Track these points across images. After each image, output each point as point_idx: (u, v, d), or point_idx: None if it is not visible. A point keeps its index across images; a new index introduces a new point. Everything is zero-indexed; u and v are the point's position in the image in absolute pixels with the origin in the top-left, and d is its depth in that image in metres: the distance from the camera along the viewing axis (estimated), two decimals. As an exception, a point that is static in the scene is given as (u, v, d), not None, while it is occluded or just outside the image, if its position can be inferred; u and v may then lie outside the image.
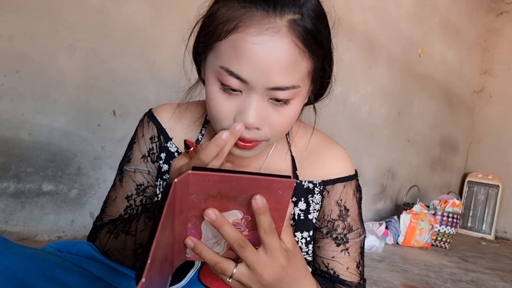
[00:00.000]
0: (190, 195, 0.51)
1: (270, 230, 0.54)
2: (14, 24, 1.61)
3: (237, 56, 0.60)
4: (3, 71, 1.61)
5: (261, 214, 0.52)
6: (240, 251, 0.55)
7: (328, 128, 2.92)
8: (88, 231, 0.87)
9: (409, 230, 3.22)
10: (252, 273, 0.56)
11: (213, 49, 0.64)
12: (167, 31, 2.06)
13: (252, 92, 0.63)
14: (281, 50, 0.60)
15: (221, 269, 0.57)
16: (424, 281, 2.23)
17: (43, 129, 1.72)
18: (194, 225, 0.56)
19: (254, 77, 0.61)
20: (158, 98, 2.04)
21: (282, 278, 0.58)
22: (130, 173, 0.84)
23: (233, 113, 0.64)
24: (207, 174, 0.49)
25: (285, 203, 0.53)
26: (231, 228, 0.54)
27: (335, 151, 0.84)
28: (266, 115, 0.64)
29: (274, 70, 0.61)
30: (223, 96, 0.64)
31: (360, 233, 0.82)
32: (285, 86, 0.62)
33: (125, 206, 0.83)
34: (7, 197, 1.65)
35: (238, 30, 0.60)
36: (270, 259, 0.56)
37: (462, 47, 4.74)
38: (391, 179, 3.92)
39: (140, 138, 0.85)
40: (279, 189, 0.51)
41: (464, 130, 5.09)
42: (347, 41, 3.12)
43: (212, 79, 0.65)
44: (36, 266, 0.62)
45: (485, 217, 4.71)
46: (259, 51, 0.60)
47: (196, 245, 0.56)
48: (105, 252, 0.79)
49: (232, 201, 0.52)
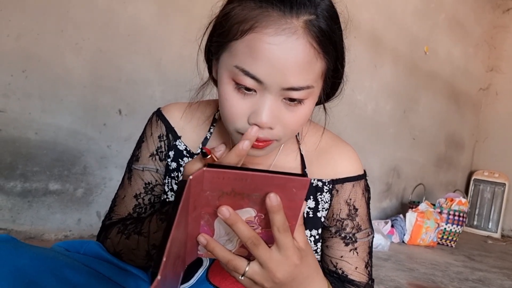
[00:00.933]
0: (204, 192, 0.51)
1: (284, 228, 0.54)
2: (21, 23, 1.62)
3: (253, 56, 0.60)
4: (10, 70, 1.61)
5: (275, 212, 0.52)
6: (253, 249, 0.55)
7: (333, 126, 2.89)
8: (95, 230, 0.88)
9: (415, 229, 3.21)
10: (265, 271, 0.56)
11: (228, 48, 0.64)
12: (173, 29, 2.06)
13: (267, 92, 0.63)
14: (297, 50, 0.60)
15: (234, 267, 0.57)
16: (431, 280, 2.22)
17: (49, 128, 1.73)
18: (207, 222, 0.56)
19: (270, 77, 0.61)
20: (164, 96, 2.04)
21: (295, 276, 0.58)
22: (138, 171, 0.85)
23: (246, 113, 0.65)
24: (222, 172, 0.49)
25: (299, 201, 0.53)
26: (244, 226, 0.54)
27: (344, 150, 0.84)
28: (279, 115, 0.65)
29: (290, 70, 0.61)
30: (237, 95, 0.64)
31: (369, 233, 0.82)
32: (300, 87, 0.63)
33: (134, 205, 0.84)
34: (14, 196, 1.66)
35: (255, 30, 0.60)
36: (283, 258, 0.56)
37: (468, 44, 4.71)
38: (396, 177, 3.91)
39: (148, 137, 0.86)
40: (294, 187, 0.51)
41: (470, 128, 5.06)
42: (352, 38, 3.11)
43: (226, 78, 0.65)
44: (46, 266, 0.63)
45: (491, 215, 4.68)
46: (276, 52, 0.60)
47: (208, 242, 0.56)
48: (117, 252, 0.79)
49: (246, 198, 0.52)
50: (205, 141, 0.83)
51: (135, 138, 0.90)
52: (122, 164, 1.93)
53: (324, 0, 0.64)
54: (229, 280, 0.69)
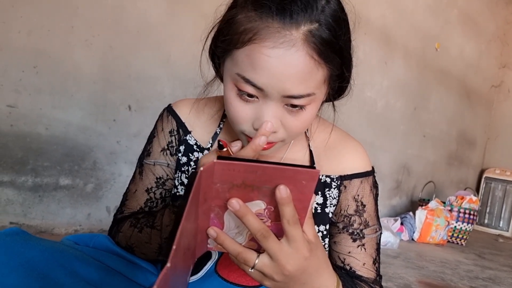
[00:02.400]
0: (215, 184, 0.51)
1: (294, 221, 0.54)
2: (32, 20, 1.63)
3: (253, 66, 0.61)
4: (21, 66, 1.63)
5: (285, 204, 0.52)
6: (263, 241, 0.55)
7: (343, 123, 2.88)
8: (104, 225, 0.88)
9: (425, 227, 3.19)
10: (275, 263, 0.56)
11: (231, 55, 0.65)
12: (182, 26, 2.06)
13: (268, 99, 0.64)
14: (296, 62, 0.60)
15: (244, 259, 0.57)
16: (440, 278, 2.21)
17: (60, 123, 1.74)
18: (217, 215, 0.56)
19: (269, 86, 0.62)
20: (173, 92, 2.05)
21: (305, 269, 0.58)
22: (150, 166, 0.86)
23: (250, 118, 0.66)
24: (232, 164, 0.49)
25: (309, 194, 0.53)
26: (254, 218, 0.54)
27: (353, 147, 0.85)
28: (282, 119, 0.66)
29: (289, 80, 0.61)
30: (240, 102, 0.66)
31: (376, 229, 0.82)
32: (300, 95, 0.63)
33: (145, 199, 0.84)
34: (25, 191, 1.68)
35: (254, 41, 0.61)
36: (293, 250, 0.56)
37: (480, 41, 4.66)
38: (406, 174, 3.89)
39: (159, 132, 0.87)
40: (303, 179, 0.51)
41: (481, 125, 5.01)
42: (362, 35, 3.08)
43: (229, 83, 0.66)
44: (55, 259, 0.63)
45: (502, 213, 4.64)
46: (274, 63, 0.60)
47: (218, 235, 0.57)
48: (130, 245, 0.80)
49: (255, 191, 0.53)
50: (215, 136, 0.84)
51: (144, 133, 0.91)
52: (131, 159, 1.94)
53: (331, 3, 0.63)
54: (237, 273, 0.69)
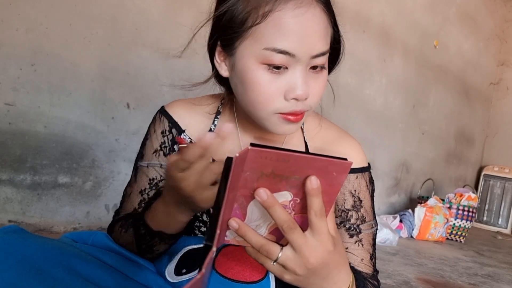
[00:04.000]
0: (244, 173, 0.50)
1: (321, 213, 0.53)
2: (30, 17, 1.63)
3: (282, 33, 0.64)
4: (19, 64, 1.62)
5: (314, 195, 0.52)
6: (289, 233, 0.54)
7: (342, 120, 2.90)
8: (103, 223, 0.89)
9: (424, 224, 3.19)
10: (298, 256, 0.55)
11: (250, 35, 0.67)
12: (181, 23, 2.05)
13: (298, 65, 0.67)
14: (317, 18, 0.66)
15: (267, 252, 0.56)
16: (439, 275, 2.21)
17: (58, 121, 1.74)
18: (240, 205, 0.55)
19: (300, 48, 0.65)
20: (172, 90, 2.04)
21: (327, 263, 0.57)
22: (143, 168, 0.86)
23: (282, 92, 0.68)
24: (265, 151, 0.48)
25: (338, 186, 0.52)
26: (281, 209, 0.53)
27: (349, 143, 0.86)
28: (310, 85, 0.69)
29: (315, 37, 0.66)
30: (270, 77, 0.67)
31: (373, 225, 0.83)
32: (323, 52, 0.68)
33: (139, 200, 0.85)
34: (23, 189, 1.68)
35: (276, 9, 0.64)
36: (318, 243, 0.55)
37: (479, 38, 4.66)
38: (405, 172, 3.89)
39: (152, 134, 0.87)
40: (334, 171, 0.50)
41: (480, 123, 5.01)
42: (361, 33, 3.08)
43: (253, 65, 0.67)
44: (53, 256, 0.63)
45: (501, 211, 4.64)
46: (301, 23, 0.65)
47: (240, 226, 0.55)
48: (121, 246, 0.80)
49: (284, 181, 0.52)
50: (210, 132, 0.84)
51: (143, 131, 0.91)
52: (130, 157, 1.94)
53: None
54: (235, 269, 0.69)
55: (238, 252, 0.71)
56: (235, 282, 0.68)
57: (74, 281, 0.62)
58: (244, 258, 0.70)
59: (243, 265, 0.69)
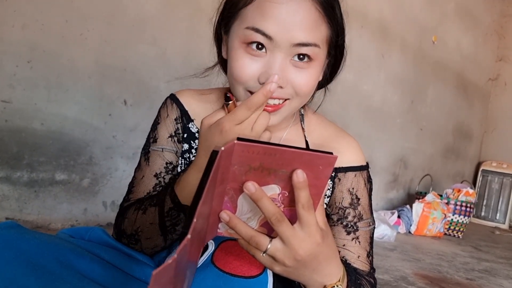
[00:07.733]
0: (232, 166, 0.51)
1: (308, 206, 0.54)
2: (26, 13, 1.62)
3: (263, 15, 0.66)
4: (15, 60, 1.62)
5: (301, 188, 0.53)
6: (277, 225, 0.55)
7: (340, 116, 2.90)
8: (101, 220, 0.88)
9: (422, 219, 3.20)
10: (287, 248, 0.57)
11: (239, 16, 0.70)
12: (178, 19, 2.05)
13: (277, 50, 0.67)
14: (303, 10, 0.66)
15: (256, 243, 0.57)
16: (437, 270, 2.22)
17: (55, 118, 1.73)
18: (230, 198, 0.56)
19: (279, 33, 0.66)
20: (169, 86, 2.04)
21: (316, 255, 0.58)
22: (158, 152, 0.85)
23: (257, 74, 0.68)
24: (252, 145, 0.49)
25: (324, 179, 0.53)
26: (269, 202, 0.54)
27: (348, 142, 0.86)
28: (288, 75, 0.68)
29: (297, 26, 0.66)
30: (247, 56, 0.68)
31: (370, 223, 0.84)
32: (308, 42, 0.67)
33: (154, 184, 0.84)
34: (21, 186, 1.67)
35: None
36: (306, 235, 0.56)
37: (477, 34, 4.65)
38: (403, 168, 3.89)
39: (164, 118, 0.87)
40: (321, 164, 0.51)
41: (478, 118, 5.02)
42: (359, 28, 3.08)
43: (237, 43, 0.69)
44: (50, 251, 0.63)
45: (499, 206, 4.65)
46: (282, 9, 0.65)
47: (231, 218, 0.57)
48: (135, 231, 0.78)
49: (272, 175, 0.53)
50: None
51: (140, 128, 0.90)
52: (127, 154, 1.94)
53: None
54: (234, 263, 0.69)
55: (236, 247, 0.71)
56: (233, 277, 0.68)
57: (71, 276, 0.62)
58: (243, 253, 0.70)
59: (241, 259, 0.70)
